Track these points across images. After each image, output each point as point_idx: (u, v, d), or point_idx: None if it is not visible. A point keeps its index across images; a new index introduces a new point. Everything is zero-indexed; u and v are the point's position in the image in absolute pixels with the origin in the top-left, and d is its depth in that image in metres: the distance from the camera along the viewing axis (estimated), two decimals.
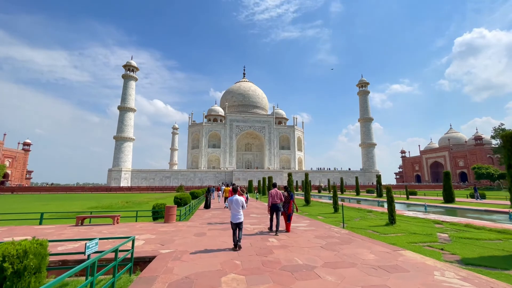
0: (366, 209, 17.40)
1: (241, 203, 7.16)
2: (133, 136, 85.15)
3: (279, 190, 9.49)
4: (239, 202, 7.15)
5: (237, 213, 7.01)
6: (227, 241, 7.74)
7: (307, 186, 20.93)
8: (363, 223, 11.39)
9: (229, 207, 7.31)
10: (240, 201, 7.18)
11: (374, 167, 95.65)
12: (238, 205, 7.12)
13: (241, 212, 7.08)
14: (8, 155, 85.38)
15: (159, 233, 9.14)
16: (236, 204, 7.12)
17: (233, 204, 7.13)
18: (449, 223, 11.16)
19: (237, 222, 6.95)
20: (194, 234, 8.84)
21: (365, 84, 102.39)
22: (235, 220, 6.96)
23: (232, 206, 7.12)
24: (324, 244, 7.16)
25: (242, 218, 7.05)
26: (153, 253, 6.29)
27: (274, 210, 9.15)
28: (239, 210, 7.07)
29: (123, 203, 26.42)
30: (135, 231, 9.56)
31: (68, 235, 8.89)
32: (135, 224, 11.49)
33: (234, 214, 7.02)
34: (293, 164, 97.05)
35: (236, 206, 7.10)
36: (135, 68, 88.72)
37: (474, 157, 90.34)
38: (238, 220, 6.96)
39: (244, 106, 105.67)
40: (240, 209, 7.08)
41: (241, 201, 7.19)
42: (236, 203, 7.12)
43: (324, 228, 9.91)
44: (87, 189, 73.12)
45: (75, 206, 25.12)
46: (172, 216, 11.68)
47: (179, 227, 10.50)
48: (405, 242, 7.60)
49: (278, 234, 8.79)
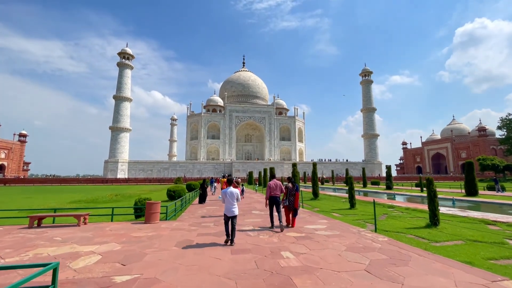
0: (385, 203, 15.05)
1: (236, 196, 6.75)
2: (129, 127, 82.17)
3: (278, 181, 8.75)
4: (234, 194, 6.75)
5: (231, 206, 6.65)
6: (221, 257, 5.33)
7: (315, 177, 18.53)
8: (395, 224, 8.99)
9: (222, 200, 6.83)
10: (235, 193, 6.76)
11: (376, 158, 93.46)
12: (232, 197, 6.71)
13: (235, 204, 6.70)
14: (3, 146, 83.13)
15: (129, 241, 6.72)
16: (231, 196, 6.70)
17: (227, 196, 6.69)
18: (505, 224, 8.78)
19: (231, 216, 6.58)
20: (177, 244, 6.41)
21: (368, 73, 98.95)
22: (230, 213, 6.59)
23: (227, 199, 6.70)
24: (369, 265, 4.72)
25: (236, 211, 6.67)
26: (98, 286, 3.85)
27: (273, 203, 8.42)
28: (234, 202, 6.70)
29: (112, 196, 24.07)
30: (98, 237, 7.14)
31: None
32: (107, 224, 9.08)
33: (228, 207, 6.64)
34: (294, 156, 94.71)
35: (231, 199, 6.69)
36: (131, 56, 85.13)
37: (477, 149, 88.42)
38: (232, 213, 6.59)
39: (244, 96, 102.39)
40: (234, 202, 6.71)
41: (236, 193, 6.77)
42: (231, 195, 6.71)
43: (351, 233, 7.49)
44: (82, 181, 71.04)
45: (58, 199, 22.77)
46: (154, 214, 9.27)
47: (161, 230, 8.09)
48: (481, 258, 5.19)
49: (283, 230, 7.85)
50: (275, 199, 8.40)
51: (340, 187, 39.92)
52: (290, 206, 8.64)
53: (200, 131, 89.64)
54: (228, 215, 6.58)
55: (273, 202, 8.41)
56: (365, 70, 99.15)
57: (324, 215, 11.45)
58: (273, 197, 8.40)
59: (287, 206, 8.73)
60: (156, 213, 9.36)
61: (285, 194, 8.85)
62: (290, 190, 8.81)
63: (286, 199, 8.76)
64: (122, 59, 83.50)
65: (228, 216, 6.58)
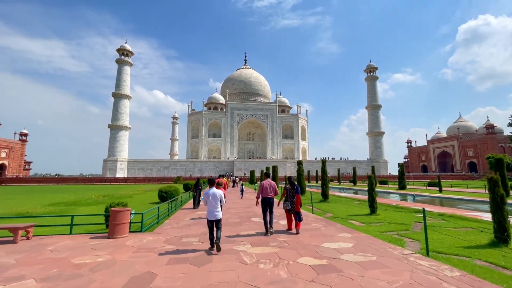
0: (410, 207, 12.63)
1: (219, 197, 6.15)
2: (128, 125, 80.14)
3: (273, 182, 7.93)
4: (217, 196, 6.13)
5: (214, 208, 6.03)
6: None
7: (325, 176, 16.15)
8: (444, 240, 6.58)
9: (205, 202, 6.18)
10: (218, 195, 6.15)
11: (382, 157, 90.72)
12: (215, 199, 6.09)
13: (218, 207, 6.09)
14: (4, 145, 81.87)
15: (60, 273, 4.40)
16: (213, 198, 6.08)
17: (209, 198, 6.07)
18: None
19: (214, 220, 5.99)
20: (129, 281, 4.11)
21: (373, 69, 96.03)
22: (212, 217, 5.98)
23: (209, 201, 6.07)
24: None
25: (220, 214, 6.07)
26: None
27: (266, 205, 7.60)
28: (217, 205, 6.08)
29: (99, 197, 21.86)
30: (22, 264, 4.84)
31: None
32: (56, 240, 6.78)
33: (211, 210, 6.04)
34: (297, 154, 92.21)
35: (213, 201, 6.06)
36: (130, 52, 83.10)
37: (485, 147, 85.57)
38: (215, 217, 5.98)
39: (246, 93, 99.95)
40: (218, 204, 6.10)
41: (220, 195, 6.17)
42: (214, 197, 6.09)
43: (394, 258, 5.11)
44: (80, 180, 69.18)
45: (40, 200, 20.62)
46: (121, 226, 6.97)
47: (121, 251, 5.78)
48: None
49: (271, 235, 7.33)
50: (268, 200, 7.61)
51: (348, 186, 37.42)
52: (291, 209, 7.73)
53: (201, 129, 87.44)
54: (210, 219, 5.99)
55: (266, 204, 7.59)
56: (370, 66, 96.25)
57: (342, 223, 9.09)
58: (265, 199, 7.61)
59: (288, 210, 7.86)
60: (124, 224, 7.07)
61: (283, 196, 8.08)
62: (290, 192, 7.86)
63: (288, 201, 7.84)
64: (121, 55, 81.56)
65: (211, 221, 6.00)
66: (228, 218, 10.47)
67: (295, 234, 7.48)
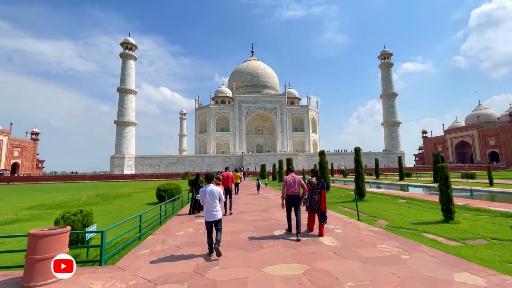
0: (490, 208, 9.10)
1: (217, 195, 5.36)
2: (135, 120, 78.14)
3: (297, 176, 6.73)
4: (215, 193, 5.36)
5: (212, 208, 5.29)
6: None
7: (360, 169, 12.66)
8: None
9: (201, 201, 5.48)
10: (216, 192, 5.37)
11: (398, 148, 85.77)
12: (213, 197, 5.32)
13: (217, 206, 5.34)
14: (16, 144, 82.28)
15: None
16: (211, 196, 5.31)
17: (207, 196, 5.31)
18: None
19: (213, 220, 5.23)
20: None
21: (388, 55, 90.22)
22: (210, 218, 5.24)
23: (206, 200, 5.32)
24: None
25: (219, 214, 5.31)
26: None
27: (291, 203, 6.59)
28: (215, 204, 5.30)
29: (92, 196, 19.04)
30: None
31: None
32: None
33: (209, 209, 5.30)
34: (308, 147, 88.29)
35: (211, 199, 5.30)
36: (134, 46, 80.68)
37: (508, 135, 79.02)
38: (214, 217, 5.23)
39: (253, 86, 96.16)
40: (216, 203, 5.33)
41: (218, 193, 5.38)
42: (211, 195, 5.32)
43: None
44: (87, 178, 67.68)
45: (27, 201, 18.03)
46: (46, 263, 3.81)
47: None
48: None
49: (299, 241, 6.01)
50: (293, 198, 6.61)
51: (371, 180, 33.62)
52: (314, 207, 6.68)
53: (208, 124, 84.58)
54: (208, 220, 5.27)
55: (291, 203, 6.64)
56: (384, 52, 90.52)
57: (423, 242, 5.70)
58: (291, 196, 6.61)
59: (310, 208, 6.79)
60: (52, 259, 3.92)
61: (307, 191, 6.84)
62: (315, 186, 6.79)
63: (307, 198, 6.79)
64: (125, 49, 79.31)
65: (209, 222, 5.28)
66: (240, 231, 7.28)
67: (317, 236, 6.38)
